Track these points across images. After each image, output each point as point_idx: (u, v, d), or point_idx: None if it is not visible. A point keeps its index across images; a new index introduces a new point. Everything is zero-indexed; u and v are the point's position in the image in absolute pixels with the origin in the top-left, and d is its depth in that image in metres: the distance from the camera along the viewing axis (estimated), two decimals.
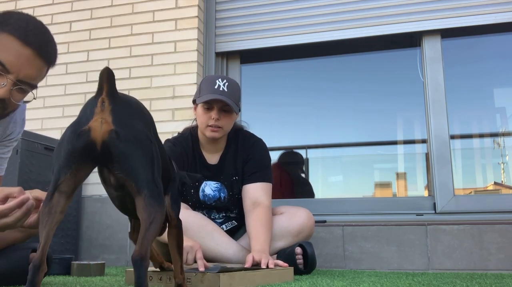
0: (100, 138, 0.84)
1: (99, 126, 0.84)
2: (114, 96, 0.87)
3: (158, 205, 0.86)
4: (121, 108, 0.87)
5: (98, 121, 0.84)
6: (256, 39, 3.08)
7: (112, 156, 0.84)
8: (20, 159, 2.48)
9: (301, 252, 2.01)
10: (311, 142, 3.51)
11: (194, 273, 1.40)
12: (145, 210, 0.84)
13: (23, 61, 1.23)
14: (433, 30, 2.81)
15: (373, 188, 3.32)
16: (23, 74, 1.25)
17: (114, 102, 0.86)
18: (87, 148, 0.84)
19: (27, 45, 1.23)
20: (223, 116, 2.05)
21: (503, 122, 3.08)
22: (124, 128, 0.84)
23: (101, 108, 0.85)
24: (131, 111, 0.90)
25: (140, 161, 0.85)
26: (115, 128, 0.84)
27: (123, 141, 0.84)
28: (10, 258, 1.41)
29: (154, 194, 0.85)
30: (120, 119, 0.85)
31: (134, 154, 0.85)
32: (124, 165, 0.84)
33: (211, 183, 2.15)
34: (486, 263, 2.38)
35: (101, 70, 0.86)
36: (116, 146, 0.83)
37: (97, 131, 0.84)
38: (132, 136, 0.85)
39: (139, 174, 0.84)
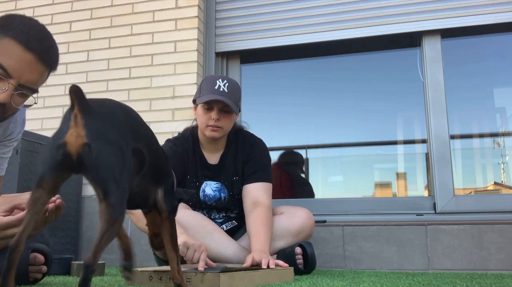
0: (75, 151, 0.92)
1: (74, 140, 0.92)
2: (86, 110, 0.94)
3: (118, 214, 0.93)
4: (94, 121, 0.94)
5: (73, 135, 0.92)
6: (256, 39, 3.08)
7: (85, 167, 0.93)
8: (20, 159, 2.48)
9: (301, 252, 2.01)
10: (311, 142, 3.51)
11: (194, 273, 1.40)
12: (106, 217, 0.92)
13: (25, 66, 1.24)
14: (433, 30, 2.81)
15: (373, 188, 3.32)
16: (25, 79, 1.26)
17: (86, 116, 0.94)
18: (65, 159, 0.93)
19: (29, 50, 1.24)
20: (223, 116, 2.05)
21: (503, 122, 3.08)
22: (97, 141, 0.92)
23: (74, 122, 0.93)
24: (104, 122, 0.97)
25: (110, 171, 0.93)
26: (88, 142, 0.92)
27: (95, 154, 0.91)
28: None
29: (116, 203, 0.93)
30: (93, 132, 0.93)
31: (104, 165, 0.93)
32: (95, 175, 0.94)
33: (212, 183, 2.15)
34: (486, 263, 2.38)
35: (69, 88, 0.93)
36: (88, 158, 0.92)
37: (72, 144, 0.92)
38: (103, 149, 0.93)
39: (107, 183, 0.92)
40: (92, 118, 0.94)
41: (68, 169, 0.96)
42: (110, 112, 1.02)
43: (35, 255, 1.44)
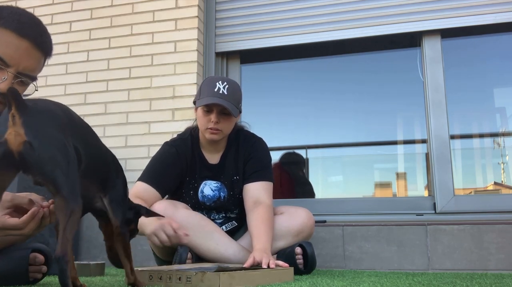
0: (15, 149, 0.92)
1: (13, 138, 0.92)
2: (23, 109, 0.94)
3: (73, 204, 0.95)
4: (32, 119, 0.95)
5: (12, 134, 0.92)
6: (256, 39, 3.08)
7: (29, 164, 0.93)
8: None
9: (301, 252, 2.01)
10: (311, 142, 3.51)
11: (194, 273, 1.40)
12: (63, 210, 0.94)
13: (21, 53, 1.25)
14: (433, 30, 2.81)
15: (373, 188, 3.32)
16: (23, 66, 1.26)
17: (24, 114, 0.94)
18: (7, 157, 0.92)
19: (23, 37, 1.24)
20: (223, 119, 2.05)
21: (503, 122, 3.08)
22: (36, 138, 0.93)
23: (12, 122, 0.93)
24: (42, 119, 0.97)
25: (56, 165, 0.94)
26: (28, 139, 0.92)
27: (37, 150, 0.92)
28: (10, 258, 1.41)
29: (69, 193, 0.95)
30: (32, 130, 0.93)
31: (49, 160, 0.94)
32: (40, 170, 0.94)
33: (211, 183, 2.15)
34: (486, 263, 2.38)
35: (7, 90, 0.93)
36: (31, 155, 0.92)
37: (12, 143, 0.92)
38: (45, 144, 0.94)
39: (56, 177, 0.94)
40: (30, 116, 0.95)
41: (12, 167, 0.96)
42: (47, 110, 1.02)
43: (35, 255, 1.44)
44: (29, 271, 1.43)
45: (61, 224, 0.94)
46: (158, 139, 2.85)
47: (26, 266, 1.42)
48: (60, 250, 0.92)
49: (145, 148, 2.95)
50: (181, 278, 1.40)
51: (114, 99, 3.09)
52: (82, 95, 3.15)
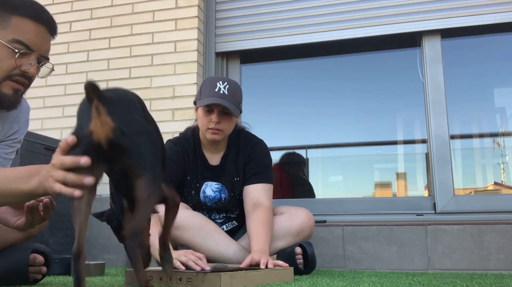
0: (104, 138, 0.91)
1: (100, 128, 0.92)
2: (104, 99, 0.94)
3: (153, 189, 0.94)
4: (115, 108, 0.95)
5: (98, 125, 0.92)
6: (256, 39, 3.08)
7: (121, 149, 0.92)
8: (20, 159, 2.48)
9: (301, 252, 2.01)
10: (311, 142, 3.51)
11: (195, 273, 1.40)
12: (142, 189, 0.93)
13: (41, 38, 1.33)
14: (433, 30, 2.81)
15: (373, 188, 3.32)
16: (43, 50, 1.35)
17: (107, 104, 0.94)
18: (94, 149, 0.92)
19: (40, 23, 1.32)
20: (223, 119, 2.05)
21: (503, 122, 3.08)
22: (125, 124, 0.93)
23: (97, 113, 0.93)
24: (123, 106, 0.98)
25: (144, 150, 0.94)
26: (118, 126, 0.92)
27: (128, 135, 0.92)
28: (10, 258, 1.41)
29: (151, 179, 0.94)
30: (118, 117, 0.93)
31: (137, 145, 0.94)
32: (132, 154, 0.93)
33: (212, 183, 2.15)
34: (486, 263, 2.38)
35: (85, 85, 0.93)
36: (123, 140, 0.92)
37: (99, 133, 0.91)
38: (133, 130, 0.94)
39: (145, 160, 0.94)
40: (113, 105, 0.95)
41: (100, 158, 0.94)
42: (126, 98, 1.03)
43: (35, 256, 1.44)
44: (29, 272, 1.43)
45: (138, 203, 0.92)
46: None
47: (26, 267, 1.42)
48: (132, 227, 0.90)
49: None
50: (182, 278, 1.41)
51: None
52: (82, 95, 3.14)
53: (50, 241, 2.63)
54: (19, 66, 1.29)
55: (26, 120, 1.53)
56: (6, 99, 1.32)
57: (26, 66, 1.30)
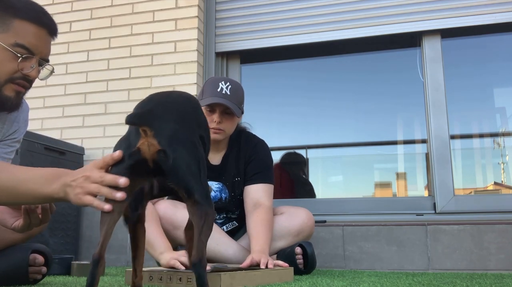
0: (150, 158, 0.94)
1: (146, 148, 0.94)
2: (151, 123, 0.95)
3: (208, 207, 0.95)
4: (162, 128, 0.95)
5: (145, 145, 0.94)
6: (256, 39, 3.08)
7: (164, 172, 0.94)
8: (20, 159, 2.48)
9: (301, 252, 2.01)
10: (311, 142, 3.51)
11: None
12: (196, 213, 0.94)
13: (42, 41, 1.34)
14: (433, 30, 2.81)
15: (373, 188, 3.31)
16: (44, 53, 1.36)
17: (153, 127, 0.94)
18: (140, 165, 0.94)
19: (41, 27, 1.33)
20: (225, 119, 2.05)
21: (503, 122, 3.08)
22: (170, 146, 0.94)
23: (144, 134, 0.95)
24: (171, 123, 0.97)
25: (189, 171, 0.95)
26: (162, 148, 0.93)
27: (171, 158, 0.93)
28: (10, 258, 1.41)
29: (203, 197, 0.94)
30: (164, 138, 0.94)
31: (182, 166, 0.94)
32: (174, 177, 0.94)
33: (213, 183, 2.15)
34: (486, 263, 2.38)
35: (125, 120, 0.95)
36: (165, 163, 0.93)
37: (146, 152, 0.94)
38: (177, 151, 0.94)
39: (188, 182, 0.94)
40: (160, 126, 0.95)
41: (143, 174, 0.97)
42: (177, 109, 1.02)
43: (35, 256, 1.44)
44: (29, 272, 1.43)
45: (196, 229, 0.93)
46: None
47: (26, 267, 1.42)
48: (197, 255, 0.91)
49: None
50: (182, 278, 1.41)
51: (114, 99, 3.08)
52: (82, 95, 3.15)
53: (50, 241, 2.63)
54: (20, 70, 1.30)
55: (25, 120, 1.54)
56: (9, 101, 1.33)
57: (27, 69, 1.31)
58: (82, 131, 3.09)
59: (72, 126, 3.12)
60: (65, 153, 2.81)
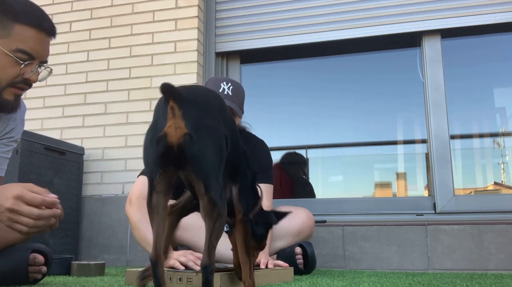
0: (176, 142, 0.89)
1: (173, 131, 0.89)
2: (181, 100, 0.91)
3: (222, 208, 0.91)
4: (191, 111, 0.92)
5: (172, 127, 0.90)
6: (256, 39, 3.08)
7: (186, 159, 0.90)
8: (20, 159, 2.48)
9: (301, 252, 2.01)
10: (311, 142, 3.51)
11: (195, 273, 1.40)
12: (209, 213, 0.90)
13: (42, 45, 1.34)
14: (433, 30, 2.81)
15: (373, 188, 3.32)
16: (44, 56, 1.36)
17: (183, 106, 0.91)
18: (167, 152, 0.90)
19: (41, 31, 1.33)
20: None
21: (503, 122, 3.08)
22: (197, 130, 0.90)
23: (172, 114, 0.90)
24: (201, 110, 0.94)
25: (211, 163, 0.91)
26: (189, 132, 0.89)
27: (197, 143, 0.89)
28: (10, 258, 1.41)
29: (217, 196, 0.90)
30: (192, 121, 0.90)
31: (205, 156, 0.90)
32: (196, 167, 0.90)
33: None
34: (486, 263, 2.38)
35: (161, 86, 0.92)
36: (190, 149, 0.89)
37: (172, 136, 0.89)
38: (203, 138, 0.90)
39: (208, 176, 0.90)
40: (189, 108, 0.92)
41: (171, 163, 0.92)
42: (204, 100, 0.99)
43: (35, 255, 1.44)
44: (29, 271, 1.43)
45: (207, 229, 0.90)
46: None
47: (26, 266, 1.42)
48: (207, 258, 0.88)
49: None
50: (182, 278, 1.40)
51: (114, 99, 3.08)
52: (82, 95, 3.15)
53: (50, 241, 2.63)
54: (22, 74, 1.31)
55: (22, 119, 1.54)
56: (8, 104, 1.35)
57: (28, 74, 1.32)
58: (82, 131, 3.09)
59: (72, 126, 3.12)
60: (65, 153, 2.81)
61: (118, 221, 2.87)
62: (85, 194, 2.99)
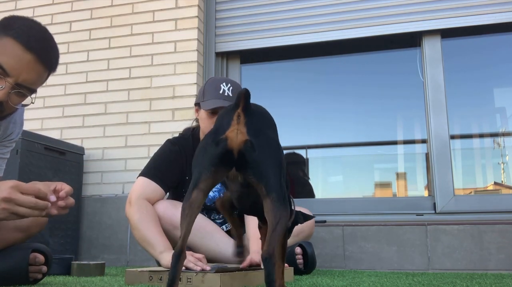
0: (236, 147, 0.96)
1: (235, 136, 0.96)
2: (248, 110, 0.99)
3: (284, 208, 0.95)
4: (254, 120, 0.99)
5: (234, 132, 0.96)
6: (256, 39, 3.08)
7: (247, 163, 0.96)
8: (20, 159, 2.48)
9: (301, 252, 2.01)
10: (311, 142, 3.51)
11: (195, 273, 1.40)
12: (272, 212, 0.94)
13: (23, 65, 1.25)
14: (433, 30, 2.81)
15: (373, 188, 3.31)
16: (22, 78, 1.26)
17: (248, 115, 0.99)
18: (225, 154, 0.96)
19: (29, 50, 1.25)
20: None
21: (503, 122, 3.08)
22: (257, 138, 0.97)
23: (237, 121, 0.97)
24: (262, 121, 1.03)
25: (271, 167, 0.97)
26: (250, 138, 0.96)
27: (257, 150, 0.95)
28: (10, 258, 1.41)
29: (280, 198, 0.95)
30: (254, 130, 0.97)
31: (266, 161, 0.96)
32: (257, 171, 0.96)
33: None
34: (486, 263, 2.38)
35: (240, 91, 0.99)
36: (251, 154, 0.95)
37: (233, 140, 0.96)
38: (264, 145, 0.97)
39: (269, 179, 0.95)
40: (253, 118, 0.99)
41: (227, 164, 0.98)
42: (265, 113, 1.07)
43: (35, 255, 1.44)
44: (29, 271, 1.43)
45: (270, 226, 0.94)
46: (158, 139, 2.85)
47: (26, 266, 1.42)
48: (267, 250, 0.91)
49: (145, 148, 2.95)
50: (182, 278, 1.41)
51: (114, 99, 3.09)
52: (82, 95, 3.15)
53: (50, 241, 2.63)
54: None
55: (21, 121, 1.54)
56: None
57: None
58: (82, 131, 3.09)
59: (72, 126, 3.12)
60: (65, 153, 2.81)
61: (118, 221, 2.87)
62: (85, 194, 2.99)
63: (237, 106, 0.99)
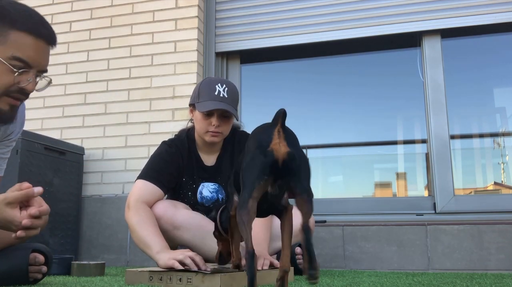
0: (281, 157, 1.10)
1: (279, 148, 1.11)
2: (284, 127, 1.16)
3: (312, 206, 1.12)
4: (288, 136, 1.15)
5: (277, 145, 1.12)
6: (256, 39, 3.08)
7: (289, 171, 1.11)
8: (20, 159, 2.48)
9: (301, 252, 2.01)
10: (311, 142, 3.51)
11: (195, 274, 1.40)
12: (305, 206, 1.11)
13: (40, 53, 1.29)
14: (433, 30, 2.81)
15: (373, 188, 3.31)
16: (42, 65, 1.31)
17: (285, 132, 1.15)
18: (272, 164, 1.11)
19: (40, 38, 1.28)
20: (223, 122, 2.03)
21: (503, 122, 3.08)
22: (295, 150, 1.13)
23: (277, 135, 1.13)
24: (292, 137, 1.18)
25: (305, 174, 1.14)
26: (291, 150, 1.12)
27: (297, 160, 1.11)
28: (10, 258, 1.41)
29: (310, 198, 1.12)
30: (291, 144, 1.14)
31: (302, 169, 1.13)
32: (297, 178, 1.12)
33: (209, 184, 2.14)
34: (486, 263, 2.38)
35: (278, 111, 1.17)
36: (293, 163, 1.11)
37: (278, 151, 1.11)
38: (300, 156, 1.14)
39: (303, 183, 1.13)
40: (288, 134, 1.16)
41: (273, 173, 1.12)
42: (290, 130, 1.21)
43: (35, 255, 1.44)
44: (29, 271, 1.43)
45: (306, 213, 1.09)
46: (158, 139, 2.84)
47: (26, 266, 1.42)
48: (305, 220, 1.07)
49: (145, 148, 2.95)
50: (182, 279, 1.41)
51: (114, 99, 3.09)
52: (82, 95, 3.15)
53: (50, 241, 2.64)
54: (17, 83, 1.25)
55: (22, 120, 1.54)
56: (3, 114, 1.30)
57: (24, 83, 1.26)
58: (82, 131, 3.10)
59: (72, 126, 3.12)
60: (65, 153, 2.81)
61: (118, 221, 2.87)
62: (85, 194, 2.99)
63: (276, 122, 1.15)
